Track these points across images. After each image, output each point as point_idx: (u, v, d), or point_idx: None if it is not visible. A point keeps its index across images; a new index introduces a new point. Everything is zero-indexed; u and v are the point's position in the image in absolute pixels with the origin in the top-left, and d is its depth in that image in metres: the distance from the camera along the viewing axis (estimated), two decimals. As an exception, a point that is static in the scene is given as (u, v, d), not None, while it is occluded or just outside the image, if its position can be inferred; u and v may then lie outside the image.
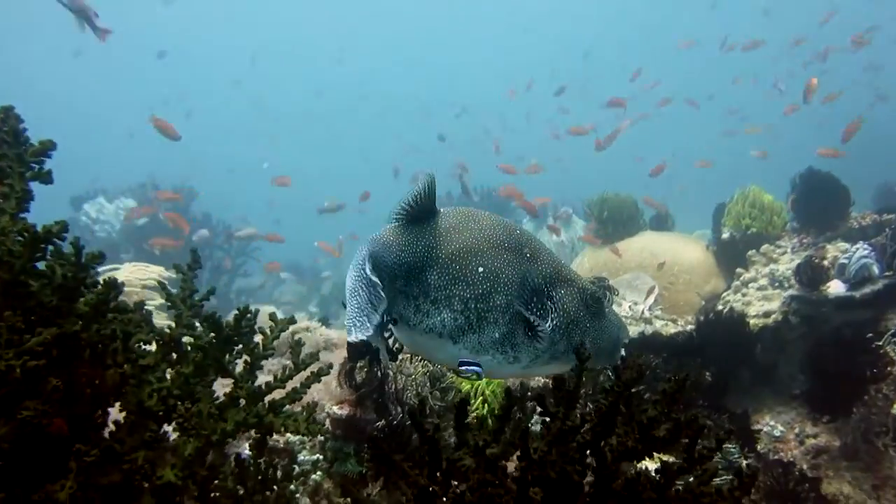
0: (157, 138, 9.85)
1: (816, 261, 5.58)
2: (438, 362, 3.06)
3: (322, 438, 3.82)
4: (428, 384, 3.92)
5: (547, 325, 2.53)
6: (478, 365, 2.54)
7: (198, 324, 2.83)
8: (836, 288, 5.61)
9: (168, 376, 2.60)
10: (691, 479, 1.81)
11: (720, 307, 5.96)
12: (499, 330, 2.52)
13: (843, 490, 4.82)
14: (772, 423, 5.49)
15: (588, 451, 1.86)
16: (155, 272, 7.21)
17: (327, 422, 3.75)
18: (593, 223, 8.61)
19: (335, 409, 3.74)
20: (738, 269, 7.36)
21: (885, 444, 4.90)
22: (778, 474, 4.34)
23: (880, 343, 5.03)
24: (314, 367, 3.26)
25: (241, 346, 2.98)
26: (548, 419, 1.93)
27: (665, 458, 3.15)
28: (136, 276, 7.29)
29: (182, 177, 16.08)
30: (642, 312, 6.62)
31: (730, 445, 4.25)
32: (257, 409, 2.85)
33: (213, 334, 2.74)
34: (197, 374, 2.67)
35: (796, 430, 5.36)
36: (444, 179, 16.85)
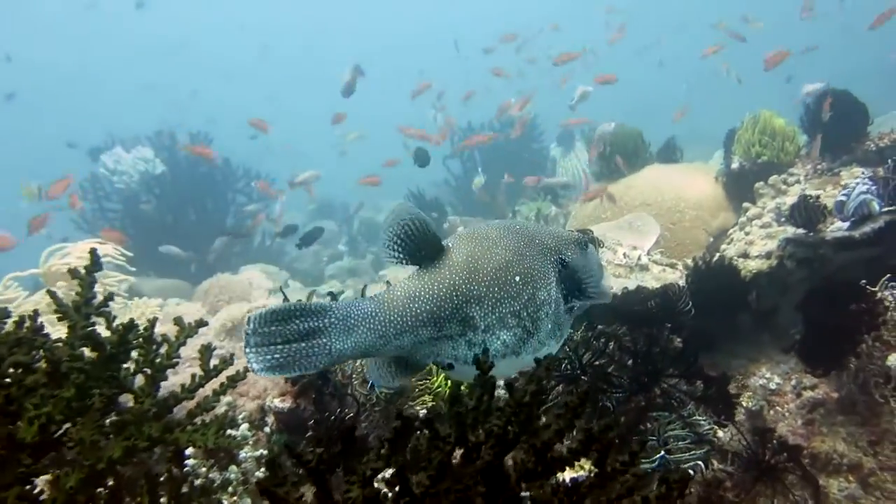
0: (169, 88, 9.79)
1: (811, 199, 5.27)
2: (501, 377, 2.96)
3: (268, 431, 3.84)
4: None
5: (592, 285, 2.80)
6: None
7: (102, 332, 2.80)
8: (835, 227, 5.33)
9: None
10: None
11: (707, 256, 5.71)
12: (551, 320, 2.64)
13: (836, 448, 4.63)
14: (769, 374, 5.29)
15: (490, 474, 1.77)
16: (109, 252, 6.69)
17: (270, 416, 3.76)
18: (593, 152, 8.29)
19: (277, 401, 3.73)
20: (745, 204, 7.05)
21: (883, 395, 4.68)
22: (754, 443, 4.19)
23: (875, 289, 4.76)
24: (231, 372, 3.23)
25: (141, 357, 2.95)
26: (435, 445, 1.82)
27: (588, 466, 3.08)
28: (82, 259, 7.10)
29: (198, 124, 16.01)
30: (639, 258, 6.41)
31: (699, 417, 4.11)
32: (161, 424, 2.84)
33: (95, 353, 2.71)
34: (80, 396, 2.62)
35: (793, 382, 5.16)
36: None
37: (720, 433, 4.39)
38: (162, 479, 2.73)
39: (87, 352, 2.72)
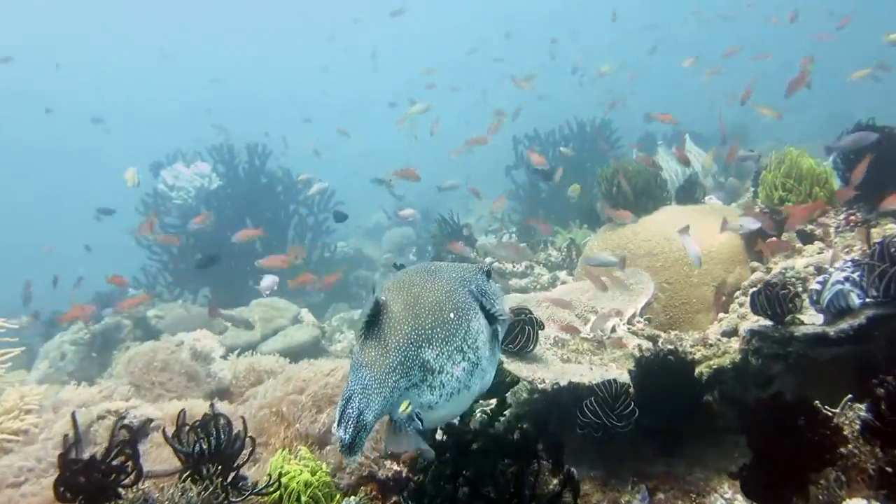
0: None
1: (777, 288, 4.49)
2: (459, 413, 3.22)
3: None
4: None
5: (498, 307, 3.07)
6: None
7: None
8: (808, 321, 4.55)
9: None
10: None
11: (659, 347, 5.00)
12: (488, 347, 2.93)
13: None
14: (730, 492, 4.61)
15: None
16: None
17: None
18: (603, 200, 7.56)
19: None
20: (753, 263, 6.24)
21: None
22: None
23: (833, 411, 3.99)
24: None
25: None
26: None
27: None
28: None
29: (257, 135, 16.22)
30: (612, 329, 5.79)
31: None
32: None
33: None
34: None
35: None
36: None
37: None
38: None
39: None
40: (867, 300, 4.32)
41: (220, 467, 3.41)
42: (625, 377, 4.85)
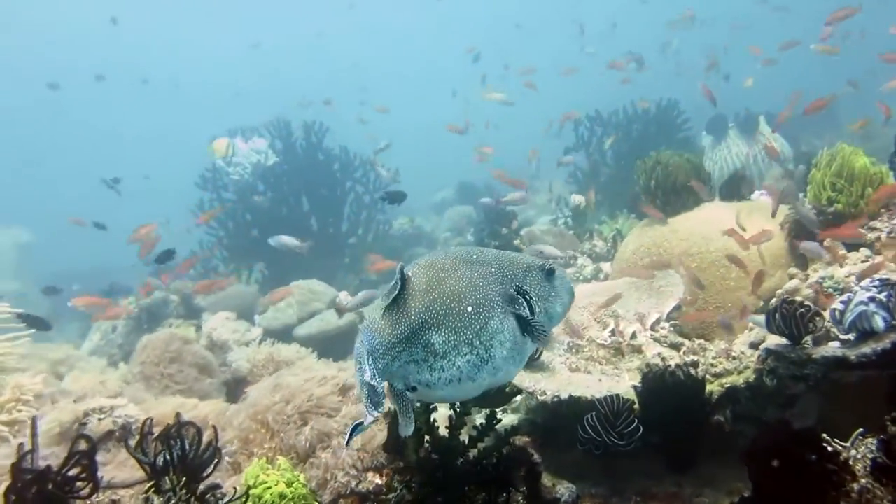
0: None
1: (795, 306, 4.19)
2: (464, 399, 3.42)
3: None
4: None
5: (538, 316, 3.00)
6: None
7: None
8: (828, 343, 4.24)
9: None
10: None
11: (670, 364, 4.73)
12: (506, 347, 2.89)
13: None
14: (739, 517, 4.36)
15: None
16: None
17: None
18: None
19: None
20: (791, 269, 5.88)
21: None
22: None
23: (843, 445, 3.71)
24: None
25: None
26: None
27: None
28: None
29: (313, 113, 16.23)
30: (633, 336, 5.56)
31: None
32: None
33: None
34: None
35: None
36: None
37: None
38: None
39: None
40: (894, 323, 4.00)
41: (185, 479, 3.38)
42: (632, 392, 4.66)
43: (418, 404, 3.70)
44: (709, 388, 4.61)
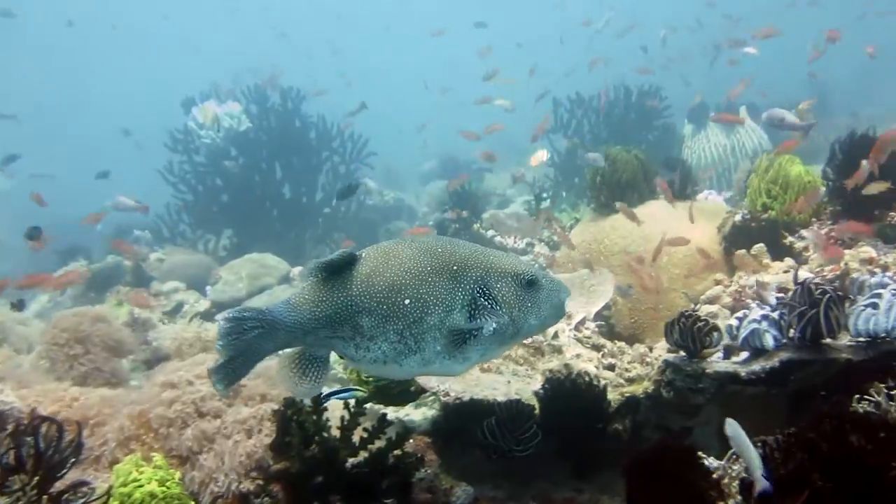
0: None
1: (691, 320, 4.25)
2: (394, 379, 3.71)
3: None
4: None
5: (491, 324, 2.96)
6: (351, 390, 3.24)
7: None
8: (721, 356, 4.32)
9: None
10: None
11: (564, 370, 4.79)
12: (439, 343, 2.95)
13: None
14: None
15: None
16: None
17: None
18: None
19: None
20: (717, 275, 5.94)
21: None
22: None
23: (717, 463, 3.79)
24: None
25: None
26: None
27: None
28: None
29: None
30: (554, 335, 5.62)
31: None
32: None
33: None
34: None
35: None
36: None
37: None
38: None
39: None
40: (785, 341, 4.07)
41: (38, 478, 3.31)
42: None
43: (308, 403, 3.76)
44: (611, 395, 4.68)
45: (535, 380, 5.12)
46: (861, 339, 3.94)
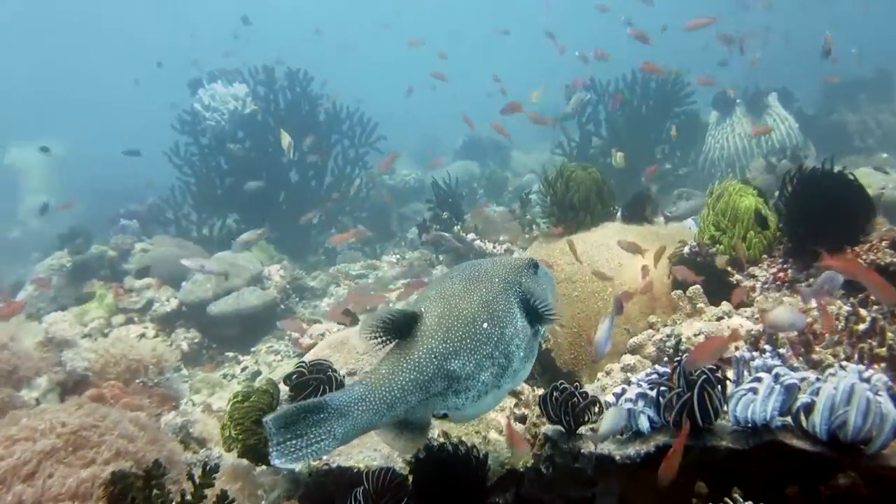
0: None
1: (566, 394, 3.93)
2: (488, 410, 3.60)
3: None
4: None
5: (549, 300, 3.34)
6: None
7: None
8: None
9: None
10: None
11: (449, 440, 4.49)
12: (521, 350, 3.18)
13: None
14: None
15: None
16: None
17: None
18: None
19: None
20: (651, 317, 5.57)
21: None
22: None
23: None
24: None
25: None
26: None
27: None
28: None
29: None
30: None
31: None
32: None
33: None
34: None
35: None
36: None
37: None
38: None
39: None
40: (662, 423, 3.74)
41: None
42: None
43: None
44: (494, 465, 4.40)
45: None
46: (740, 426, 3.60)
